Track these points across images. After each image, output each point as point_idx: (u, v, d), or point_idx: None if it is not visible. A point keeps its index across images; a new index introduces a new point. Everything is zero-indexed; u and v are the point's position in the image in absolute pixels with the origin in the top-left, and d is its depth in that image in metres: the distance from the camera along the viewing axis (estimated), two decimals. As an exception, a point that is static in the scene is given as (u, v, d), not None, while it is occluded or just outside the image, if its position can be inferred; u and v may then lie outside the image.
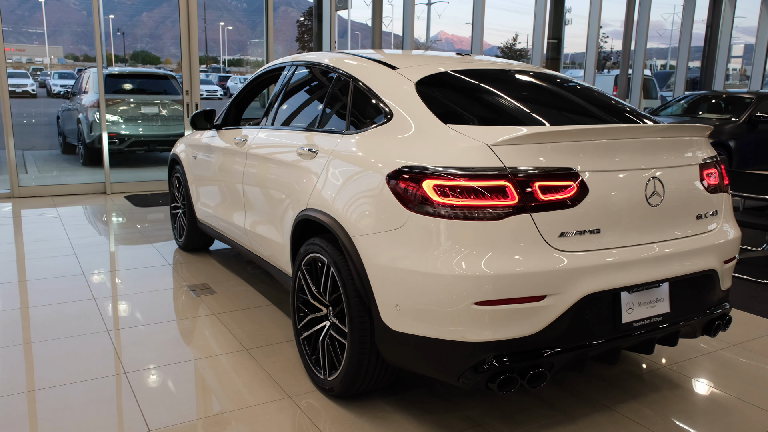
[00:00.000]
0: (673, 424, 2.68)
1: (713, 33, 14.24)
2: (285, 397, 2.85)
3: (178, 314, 3.83)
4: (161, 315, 3.83)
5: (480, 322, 2.18)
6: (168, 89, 10.91)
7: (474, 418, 2.70)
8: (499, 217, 2.17)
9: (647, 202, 2.39)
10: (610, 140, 2.34)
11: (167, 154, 11.26)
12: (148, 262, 4.92)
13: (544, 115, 2.64)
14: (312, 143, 3.04)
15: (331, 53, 3.43)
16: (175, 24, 58.47)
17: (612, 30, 25.30)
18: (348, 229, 2.56)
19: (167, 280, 4.50)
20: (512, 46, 34.46)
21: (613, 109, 2.84)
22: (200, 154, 4.56)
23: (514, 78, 3.02)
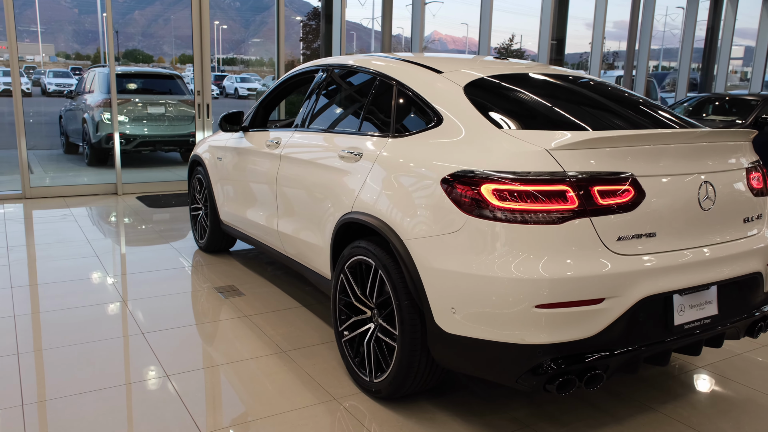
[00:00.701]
0: (717, 424, 2.72)
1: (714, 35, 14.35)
2: (331, 399, 2.87)
3: (210, 316, 3.84)
4: (193, 317, 3.83)
5: (540, 325, 2.20)
6: (174, 89, 10.89)
7: (521, 419, 2.72)
8: (560, 221, 2.20)
9: (700, 206, 2.42)
10: (664, 145, 2.37)
11: (175, 154, 11.25)
12: (171, 263, 4.92)
13: (592, 119, 2.66)
14: (355, 146, 3.05)
15: (369, 56, 3.44)
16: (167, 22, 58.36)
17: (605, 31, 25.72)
18: (399, 232, 2.57)
19: (193, 282, 4.50)
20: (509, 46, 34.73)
21: (656, 113, 2.87)
22: (226, 156, 4.56)
23: (557, 82, 3.05)
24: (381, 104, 3.13)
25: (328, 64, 3.70)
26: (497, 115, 2.57)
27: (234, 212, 4.50)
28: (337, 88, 3.68)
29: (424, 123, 2.76)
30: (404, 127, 2.88)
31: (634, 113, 2.84)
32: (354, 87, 3.49)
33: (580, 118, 2.63)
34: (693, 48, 12.81)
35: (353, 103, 3.43)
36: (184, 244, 5.50)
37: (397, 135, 2.86)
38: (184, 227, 6.19)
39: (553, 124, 2.54)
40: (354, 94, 3.47)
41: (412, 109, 2.89)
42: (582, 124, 2.54)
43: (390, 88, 3.05)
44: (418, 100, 2.84)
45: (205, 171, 4.94)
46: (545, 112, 2.65)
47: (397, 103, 2.97)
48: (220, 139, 4.82)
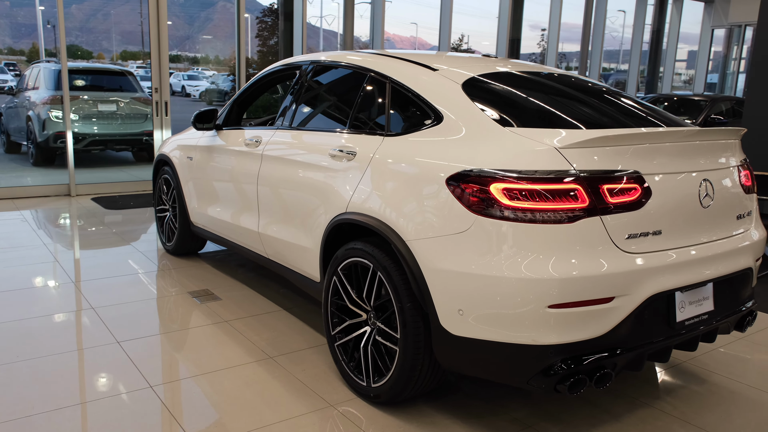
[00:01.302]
0: (709, 417, 2.77)
1: (659, 38, 14.83)
2: (327, 405, 2.78)
3: (188, 322, 3.69)
4: (170, 324, 3.67)
5: (552, 325, 2.18)
6: (125, 86, 10.50)
7: (522, 419, 2.71)
8: (571, 220, 2.18)
9: (700, 203, 2.45)
10: (668, 143, 2.39)
11: (127, 154, 10.85)
12: (138, 267, 4.72)
13: (591, 117, 2.66)
14: (347, 145, 2.97)
15: (357, 53, 3.36)
16: (107, 17, 55.58)
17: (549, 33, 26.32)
18: (401, 233, 2.51)
19: (164, 286, 4.32)
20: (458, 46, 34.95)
21: (647, 112, 2.90)
22: (199, 156, 4.39)
23: (551, 81, 3.04)
24: (373, 102, 3.06)
25: (311, 61, 3.60)
26: (499, 112, 2.54)
27: (207, 214, 4.34)
28: (322, 86, 3.59)
29: (423, 121, 2.70)
30: (400, 126, 2.82)
31: (628, 112, 2.86)
32: (342, 84, 3.40)
33: (580, 116, 2.63)
34: (642, 50, 13.21)
35: (341, 101, 3.35)
36: (150, 246, 5.28)
37: (393, 134, 2.80)
38: (147, 229, 5.96)
39: (554, 122, 2.53)
40: (342, 92, 3.39)
41: (409, 107, 2.83)
42: (583, 123, 2.53)
43: (382, 85, 2.99)
44: (415, 98, 2.78)
45: (174, 171, 4.75)
46: (545, 110, 2.64)
47: (391, 101, 2.90)
48: (190, 137, 4.65)
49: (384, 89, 2.96)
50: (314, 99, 3.61)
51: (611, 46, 22.32)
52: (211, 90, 26.58)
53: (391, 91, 2.92)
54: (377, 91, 3.02)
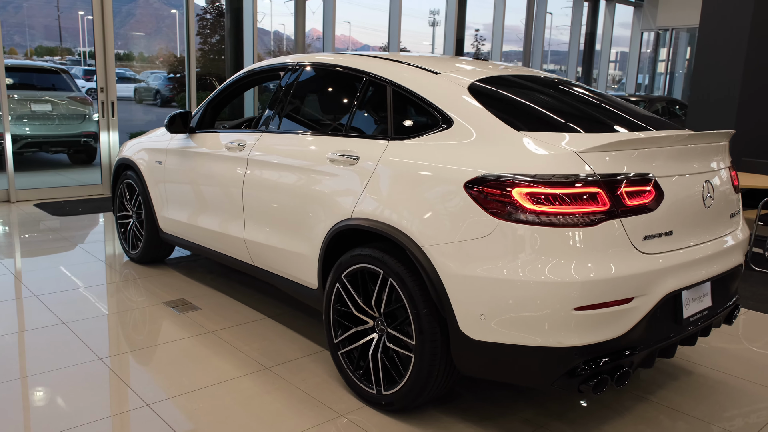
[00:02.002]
0: (705, 408, 2.89)
1: (592, 40, 15.40)
2: (336, 415, 2.73)
3: (171, 335, 3.53)
4: (153, 337, 3.51)
5: (577, 327, 2.22)
6: (59, 85, 9.96)
7: (532, 420, 2.74)
8: (593, 223, 2.22)
9: (704, 203, 2.55)
10: (676, 147, 2.47)
11: (63, 156, 10.30)
12: (105, 277, 4.49)
13: (595, 121, 2.72)
14: (347, 149, 2.92)
15: (352, 55, 3.30)
16: (18, 11, 51.26)
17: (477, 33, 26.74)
18: (416, 239, 2.49)
19: (137, 297, 4.12)
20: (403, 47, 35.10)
21: (642, 115, 2.98)
22: (170, 160, 4.21)
23: (551, 85, 3.07)
24: (373, 106, 3.02)
25: (298, 63, 3.51)
26: (508, 116, 2.55)
27: (180, 220, 4.17)
28: (313, 88, 3.51)
29: (430, 125, 2.69)
30: (406, 130, 2.79)
31: (627, 115, 2.90)
32: (336, 87, 3.34)
33: (585, 120, 2.68)
34: (579, 51, 13.69)
35: (336, 104, 3.29)
36: (112, 256, 5.03)
37: (399, 137, 2.77)
38: (102, 236, 5.68)
39: (562, 126, 2.56)
40: (337, 95, 3.33)
41: (413, 111, 2.81)
42: (589, 127, 2.58)
43: (383, 88, 2.95)
44: (420, 102, 2.76)
45: (139, 176, 4.54)
46: (551, 114, 2.67)
47: (394, 105, 2.87)
48: (158, 140, 4.45)
49: (384, 93, 2.93)
50: (304, 102, 3.52)
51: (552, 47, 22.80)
52: (139, 89, 25.56)
53: (392, 95, 2.89)
54: (377, 95, 2.98)
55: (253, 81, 3.99)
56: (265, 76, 3.83)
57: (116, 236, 5.43)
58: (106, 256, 5.00)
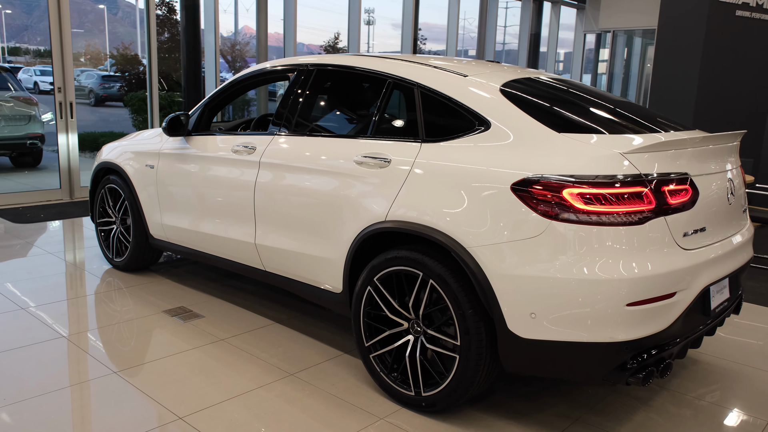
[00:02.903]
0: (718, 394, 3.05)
1: (536, 41, 15.82)
2: (377, 419, 2.72)
3: (182, 345, 3.41)
4: (163, 348, 3.38)
5: (628, 322, 2.30)
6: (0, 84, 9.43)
7: (566, 413, 2.81)
8: (642, 221, 2.31)
9: (728, 200, 2.69)
10: (705, 147, 2.59)
11: (4, 159, 9.75)
12: (94, 287, 4.30)
13: (625, 122, 2.79)
14: (377, 152, 2.91)
15: (371, 57, 3.28)
16: None
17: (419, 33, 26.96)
18: (461, 240, 2.51)
19: (134, 307, 3.96)
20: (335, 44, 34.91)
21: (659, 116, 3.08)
22: (164, 164, 4.07)
23: (568, 86, 3.14)
24: (399, 108, 3.02)
25: (313, 64, 3.45)
26: (544, 118, 2.60)
27: (177, 225, 4.04)
28: (332, 90, 3.46)
29: (465, 127, 2.71)
30: (440, 132, 2.80)
31: (647, 117, 2.99)
32: (357, 89, 3.32)
33: (614, 122, 2.77)
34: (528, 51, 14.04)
35: (358, 107, 3.26)
36: (91, 264, 4.81)
37: (432, 140, 2.78)
38: (74, 244, 5.43)
39: (598, 128, 2.60)
40: (358, 97, 3.30)
41: (445, 113, 2.82)
42: (616, 128, 2.67)
43: (409, 91, 2.95)
44: (453, 104, 2.78)
45: (126, 181, 4.36)
46: (583, 116, 2.75)
47: (423, 108, 2.87)
48: (147, 143, 4.30)
49: (412, 95, 2.93)
50: (321, 104, 3.48)
51: (472, 46, 23.06)
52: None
53: (421, 98, 2.89)
54: (404, 97, 2.98)
55: (259, 82, 3.91)
56: (273, 77, 3.76)
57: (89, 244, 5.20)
58: (87, 265, 4.77)
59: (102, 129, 13.05)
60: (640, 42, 16.89)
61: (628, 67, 16.86)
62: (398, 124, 3.00)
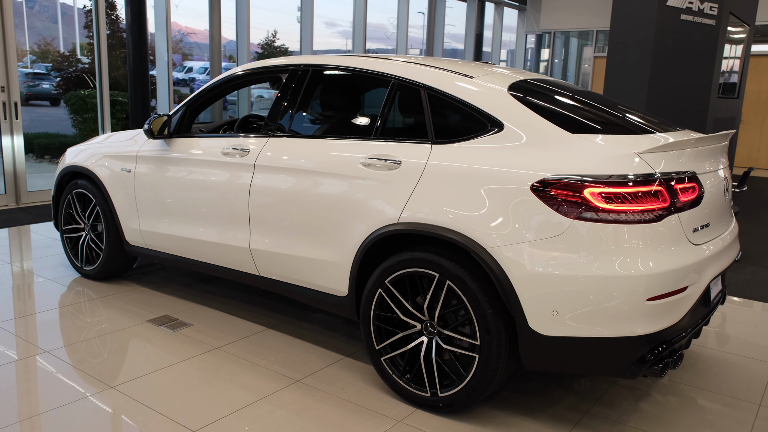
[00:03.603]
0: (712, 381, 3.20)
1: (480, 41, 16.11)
2: (395, 422, 2.71)
3: (177, 355, 3.29)
4: (157, 359, 3.25)
5: (648, 316, 2.38)
6: None
7: (575, 407, 2.89)
8: (658, 218, 2.39)
9: (724, 197, 2.82)
10: (707, 146, 2.71)
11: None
12: (67, 299, 4.08)
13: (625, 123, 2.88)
14: (385, 153, 2.89)
15: (372, 58, 3.24)
16: None
17: (342, 30, 26.93)
18: (481, 240, 2.53)
19: (115, 317, 3.79)
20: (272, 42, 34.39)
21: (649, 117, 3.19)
22: (143, 167, 3.91)
23: (568, 89, 3.19)
24: (405, 109, 3.01)
25: (309, 64, 3.38)
26: (556, 119, 2.65)
27: (158, 231, 3.89)
28: (330, 91, 3.40)
29: (479, 128, 2.73)
30: (450, 133, 2.81)
31: (643, 117, 3.08)
32: (358, 91, 3.27)
33: (619, 123, 2.85)
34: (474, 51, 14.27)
35: (360, 108, 3.23)
36: (55, 273, 4.56)
37: (442, 141, 2.79)
38: (32, 253, 5.14)
39: (609, 129, 2.67)
40: (360, 99, 3.26)
41: (455, 114, 2.84)
42: (622, 129, 2.76)
43: (415, 92, 2.94)
44: (463, 106, 2.80)
45: (99, 185, 4.16)
46: (589, 116, 2.82)
47: (432, 109, 2.87)
48: (121, 146, 4.12)
49: (419, 96, 2.92)
50: (319, 105, 3.42)
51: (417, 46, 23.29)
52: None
53: (428, 99, 2.89)
54: (409, 99, 2.97)
55: (247, 82, 3.81)
56: (262, 77, 3.67)
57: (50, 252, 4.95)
58: (50, 274, 4.53)
59: (35, 130, 12.38)
60: (576, 42, 17.49)
61: (565, 66, 17.43)
62: (405, 125, 2.99)
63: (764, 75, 13.29)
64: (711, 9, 7.76)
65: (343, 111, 3.41)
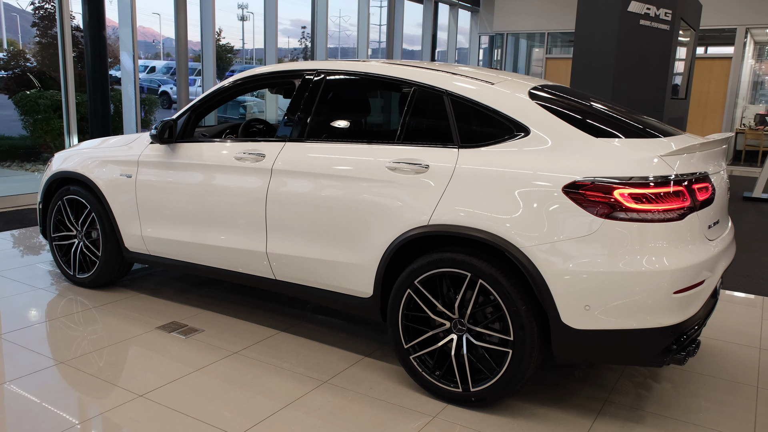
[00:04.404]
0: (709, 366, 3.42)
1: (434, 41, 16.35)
2: (430, 417, 2.80)
3: (197, 361, 3.27)
4: (178, 367, 3.22)
5: (674, 308, 2.55)
6: None
7: (595, 396, 3.05)
8: (681, 217, 2.57)
9: (726, 195, 3.04)
10: (714, 149, 2.91)
11: None
12: (67, 308, 3.97)
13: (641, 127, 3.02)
14: (413, 157, 2.96)
15: (390, 64, 3.29)
16: None
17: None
18: (515, 241, 2.64)
19: (122, 326, 3.72)
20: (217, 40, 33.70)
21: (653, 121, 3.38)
22: (144, 172, 3.85)
23: (578, 95, 3.34)
24: (428, 115, 3.09)
25: (325, 69, 3.41)
26: (578, 124, 2.80)
27: (163, 237, 3.84)
28: (349, 97, 3.44)
29: (505, 133, 2.84)
30: (475, 138, 2.91)
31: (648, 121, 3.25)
32: (378, 96, 3.33)
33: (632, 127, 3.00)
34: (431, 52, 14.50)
35: (381, 114, 3.29)
36: (43, 282, 4.43)
37: (469, 145, 2.89)
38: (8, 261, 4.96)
39: (628, 133, 2.80)
40: (381, 104, 3.32)
41: (479, 119, 2.93)
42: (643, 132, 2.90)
43: (438, 98, 3.03)
44: (488, 111, 2.90)
45: (95, 191, 4.07)
46: (606, 121, 2.96)
47: (456, 114, 2.97)
48: (119, 151, 4.04)
49: (441, 102, 3.01)
50: (337, 110, 3.45)
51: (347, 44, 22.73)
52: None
53: (452, 104, 2.99)
54: (432, 104, 3.05)
55: (257, 86, 3.80)
56: (272, 82, 3.68)
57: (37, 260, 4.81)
58: (38, 283, 4.39)
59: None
60: (525, 44, 17.98)
61: (515, 67, 17.87)
62: (428, 130, 3.07)
63: (703, 77, 14.03)
64: (666, 15, 8.18)
65: (362, 116, 3.46)
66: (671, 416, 2.89)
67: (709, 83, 13.92)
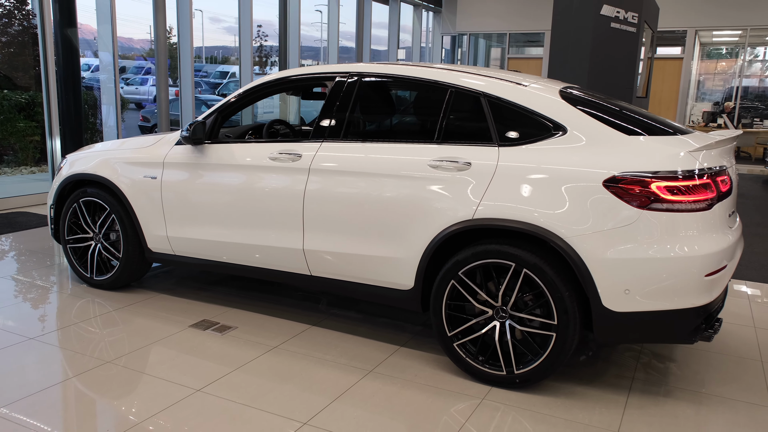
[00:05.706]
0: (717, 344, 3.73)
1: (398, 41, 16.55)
2: (479, 399, 2.98)
3: (241, 357, 3.35)
4: (225, 361, 3.30)
5: (705, 289, 2.81)
6: None
7: (622, 374, 3.29)
8: (709, 207, 2.82)
9: (737, 187, 3.32)
10: (728, 145, 3.19)
11: None
12: (93, 310, 3.97)
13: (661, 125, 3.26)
14: (455, 155, 3.13)
15: (425, 67, 3.44)
16: None
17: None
18: (559, 232, 2.85)
19: (155, 325, 3.75)
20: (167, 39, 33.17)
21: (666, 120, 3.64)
22: (171, 174, 3.89)
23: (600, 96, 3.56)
24: (466, 116, 3.26)
25: (360, 72, 3.53)
26: (610, 122, 3.02)
27: (193, 237, 3.89)
28: (385, 99, 3.57)
29: (542, 132, 3.04)
30: (513, 137, 3.10)
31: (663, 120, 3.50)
32: (416, 98, 3.47)
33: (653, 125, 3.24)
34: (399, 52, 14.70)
35: (418, 115, 3.43)
36: (59, 284, 4.40)
37: (508, 144, 3.08)
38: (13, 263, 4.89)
39: (654, 130, 3.05)
40: (418, 106, 3.46)
41: (518, 119, 3.12)
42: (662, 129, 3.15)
43: (475, 100, 3.21)
44: (525, 112, 3.10)
45: (116, 193, 4.08)
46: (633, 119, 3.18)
47: (494, 115, 3.15)
48: (142, 152, 4.07)
49: (479, 103, 3.19)
50: (374, 111, 3.58)
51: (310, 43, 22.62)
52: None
53: (489, 105, 3.17)
54: (470, 106, 3.23)
55: (287, 88, 3.89)
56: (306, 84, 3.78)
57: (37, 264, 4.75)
58: (52, 286, 4.36)
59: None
60: (484, 44, 18.41)
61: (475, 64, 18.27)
62: (467, 130, 3.24)
63: (656, 76, 14.71)
64: (633, 18, 8.60)
65: (398, 117, 3.60)
66: (695, 390, 3.15)
67: (662, 82, 14.61)
